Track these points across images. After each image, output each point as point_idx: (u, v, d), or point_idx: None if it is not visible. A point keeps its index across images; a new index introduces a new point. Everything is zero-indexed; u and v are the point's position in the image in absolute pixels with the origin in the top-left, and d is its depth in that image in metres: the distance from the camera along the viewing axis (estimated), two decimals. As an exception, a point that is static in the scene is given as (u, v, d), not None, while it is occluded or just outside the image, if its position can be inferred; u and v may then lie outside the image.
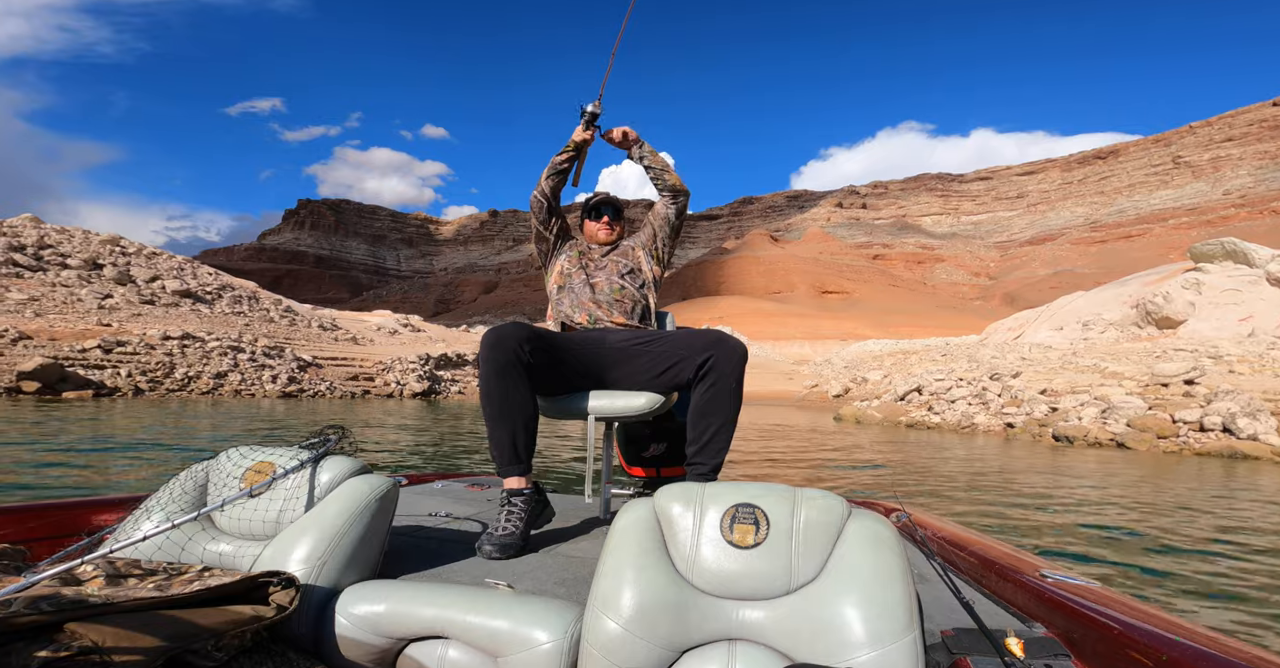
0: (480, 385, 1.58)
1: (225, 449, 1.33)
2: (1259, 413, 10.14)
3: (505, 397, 1.55)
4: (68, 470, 5.76)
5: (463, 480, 2.44)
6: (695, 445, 1.63)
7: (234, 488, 1.24)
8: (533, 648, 0.97)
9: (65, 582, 0.92)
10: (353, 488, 1.23)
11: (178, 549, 1.16)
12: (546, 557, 1.44)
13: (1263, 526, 4.67)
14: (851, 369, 47.44)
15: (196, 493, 1.26)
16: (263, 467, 1.26)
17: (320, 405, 19.04)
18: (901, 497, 5.42)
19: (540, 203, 2.01)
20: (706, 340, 1.64)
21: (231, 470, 1.27)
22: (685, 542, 0.99)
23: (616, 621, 0.93)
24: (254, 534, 1.21)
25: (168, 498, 1.23)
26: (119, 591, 0.91)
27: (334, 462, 1.29)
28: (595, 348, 1.76)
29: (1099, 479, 7.29)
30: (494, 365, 1.54)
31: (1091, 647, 0.85)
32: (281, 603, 1.00)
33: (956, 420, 15.83)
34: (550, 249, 2.04)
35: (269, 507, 1.22)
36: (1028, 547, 3.93)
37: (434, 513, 1.80)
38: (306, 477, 1.25)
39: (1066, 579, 1.07)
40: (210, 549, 1.18)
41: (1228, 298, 28.79)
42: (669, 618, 0.93)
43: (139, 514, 1.21)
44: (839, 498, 1.01)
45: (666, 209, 2.07)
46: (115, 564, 1.00)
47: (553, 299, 1.98)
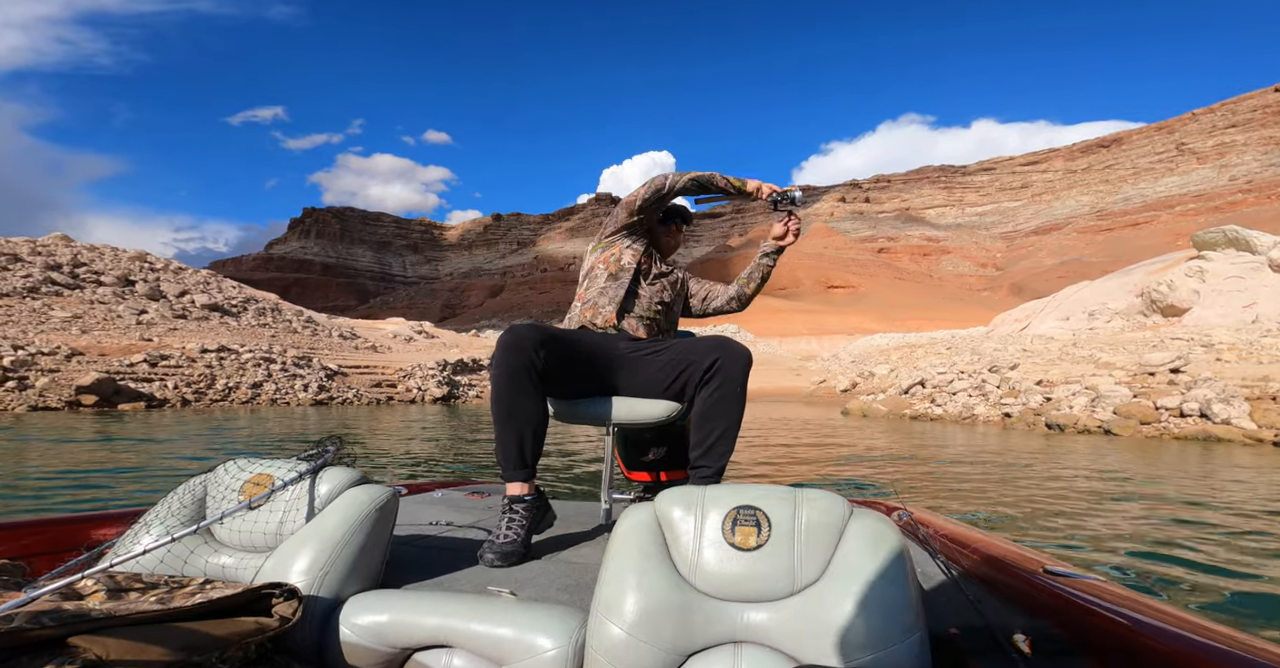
0: (491, 387, 1.57)
1: (223, 462, 1.35)
2: (1233, 399, 10.98)
3: (515, 401, 1.54)
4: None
5: (462, 489, 2.46)
6: (699, 449, 1.63)
7: (233, 501, 1.24)
8: (537, 655, 0.98)
9: (66, 597, 0.92)
10: (352, 498, 1.24)
11: (179, 562, 1.17)
12: (549, 563, 1.45)
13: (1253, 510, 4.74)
14: (858, 364, 48.08)
15: (195, 506, 1.26)
16: (261, 479, 1.27)
17: (350, 412, 20.01)
18: (903, 495, 5.55)
19: (659, 200, 1.94)
20: (711, 344, 1.66)
21: (230, 483, 1.28)
22: (687, 545, 1.00)
23: (620, 625, 0.94)
24: (254, 546, 1.22)
25: (166, 512, 1.23)
26: (121, 604, 0.92)
27: (333, 472, 1.30)
28: (606, 353, 1.75)
29: (1087, 463, 8.08)
30: (506, 369, 1.53)
31: (1100, 644, 0.84)
32: (285, 614, 1.01)
33: (958, 412, 16.65)
34: (626, 230, 1.98)
35: (269, 519, 1.23)
36: (1024, 529, 4.28)
37: (434, 522, 1.81)
38: (305, 488, 1.26)
39: (1073, 575, 1.06)
40: (211, 562, 1.19)
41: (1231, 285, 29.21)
42: (673, 622, 0.94)
43: (138, 528, 1.22)
44: (840, 498, 1.02)
45: (723, 305, 2.16)
46: (116, 578, 1.00)
47: (594, 279, 1.93)
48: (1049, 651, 0.88)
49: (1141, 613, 0.85)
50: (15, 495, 5.07)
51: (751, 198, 1.97)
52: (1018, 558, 1.22)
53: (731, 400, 1.62)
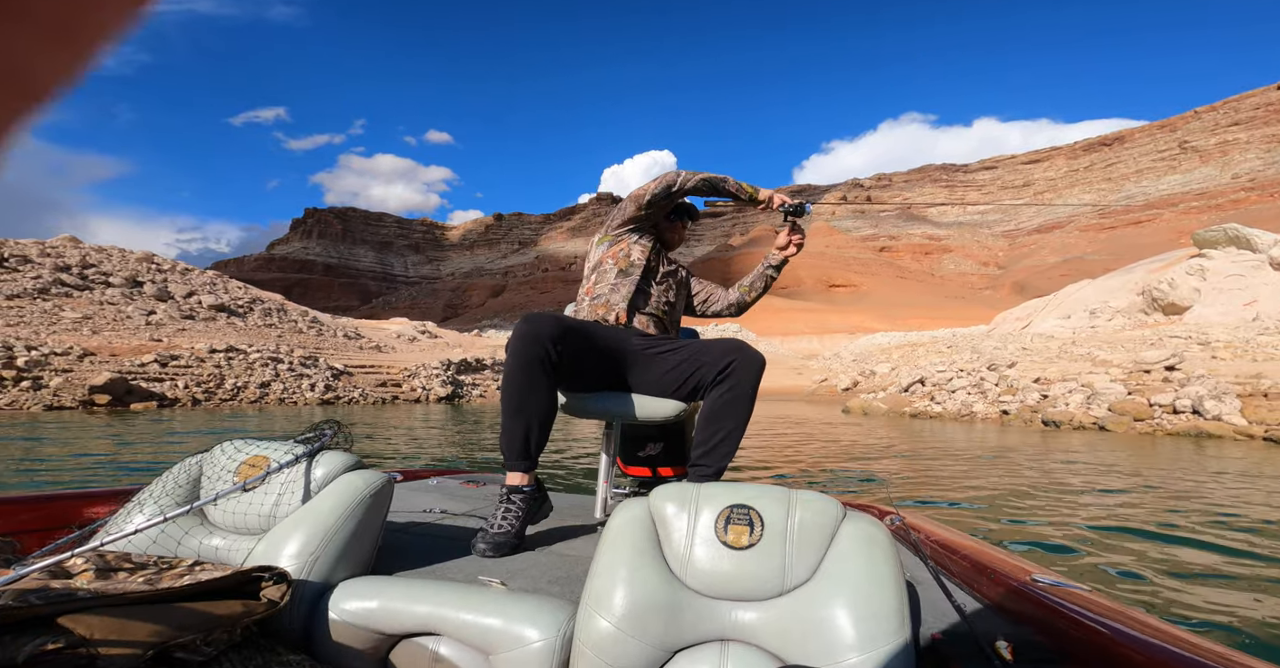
0: (504, 374, 1.56)
1: (220, 443, 1.33)
2: (1224, 396, 11.20)
3: (526, 392, 1.54)
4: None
5: (458, 477, 2.46)
6: (703, 448, 1.63)
7: (228, 482, 1.24)
8: (524, 646, 0.98)
9: (55, 575, 0.92)
10: (347, 483, 1.24)
11: (171, 543, 1.16)
12: (540, 555, 1.45)
13: (1247, 510, 4.70)
14: (860, 363, 48.30)
15: (189, 486, 1.26)
16: (257, 461, 1.26)
17: (356, 411, 20.32)
18: (894, 489, 5.73)
19: (668, 198, 1.92)
20: (728, 347, 1.67)
21: (225, 464, 1.27)
22: (679, 542, 1.01)
23: (609, 619, 0.94)
24: (247, 529, 1.21)
25: (160, 491, 1.23)
26: (109, 584, 0.92)
27: (329, 457, 1.30)
28: (619, 348, 1.75)
29: (1083, 458, 8.32)
30: (521, 359, 1.53)
31: (1082, 654, 0.85)
32: (273, 598, 1.00)
33: (957, 409, 16.89)
34: (634, 223, 1.97)
35: (263, 501, 1.22)
36: (982, 511, 4.42)
37: (429, 509, 1.81)
38: (301, 471, 1.26)
39: (1058, 584, 1.08)
40: (204, 543, 1.18)
41: (1232, 283, 29.36)
42: (662, 618, 0.94)
43: (130, 507, 1.21)
44: (834, 500, 1.03)
45: (721, 310, 2.21)
46: (106, 558, 1.00)
47: (604, 274, 1.92)
48: (1031, 658, 0.89)
49: (1124, 625, 0.87)
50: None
51: (761, 206, 1.99)
52: (1006, 566, 1.23)
53: (742, 403, 1.63)
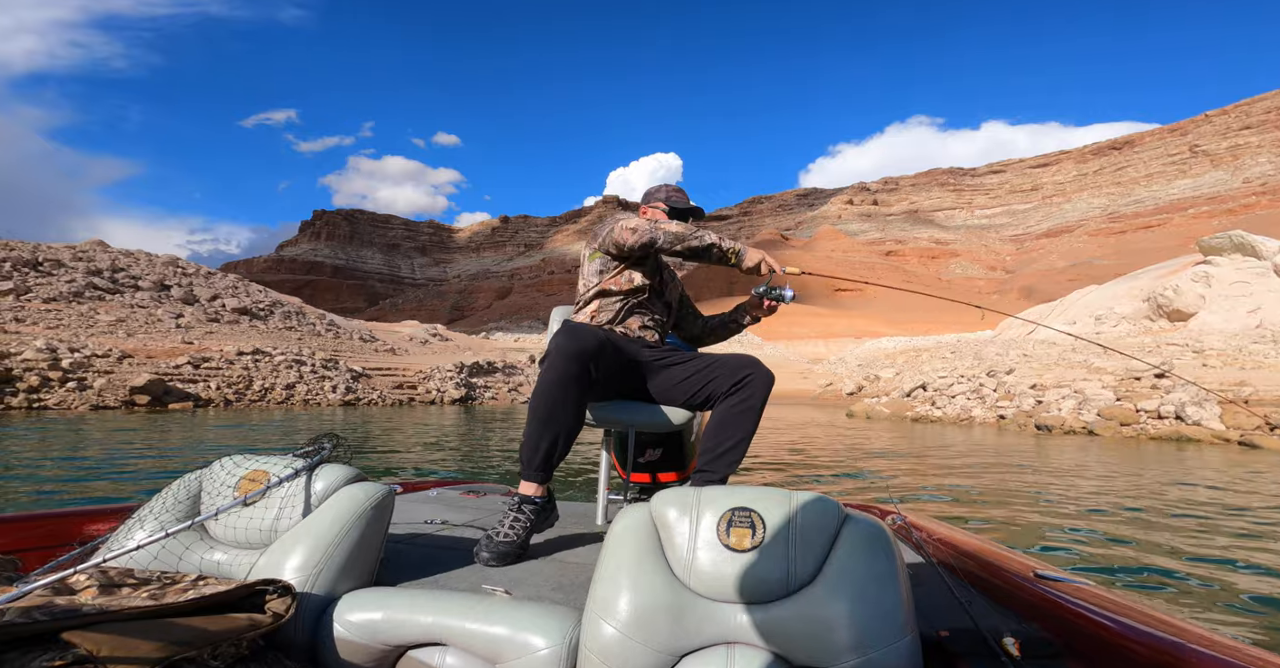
0: (538, 384, 1.56)
1: (219, 458, 1.34)
2: (1204, 402, 11.87)
3: (559, 405, 1.54)
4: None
5: (458, 488, 2.48)
6: (710, 455, 1.64)
7: (228, 497, 1.24)
8: (531, 654, 0.98)
9: (58, 591, 0.92)
10: (348, 496, 1.24)
11: (173, 558, 1.16)
12: (544, 563, 1.45)
13: (1239, 506, 4.98)
14: (865, 367, 48.76)
15: (190, 502, 1.27)
16: (256, 475, 1.27)
17: (376, 412, 21.08)
18: (895, 488, 5.75)
19: (642, 253, 1.87)
20: (743, 361, 1.71)
21: (225, 479, 1.28)
22: (682, 546, 1.01)
23: (614, 625, 0.94)
24: (249, 543, 1.21)
25: (160, 507, 1.24)
26: (113, 600, 0.92)
27: (328, 470, 1.30)
28: (632, 359, 1.78)
29: (1073, 460, 8.94)
30: (559, 374, 1.53)
31: (1088, 647, 0.85)
32: (278, 611, 1.00)
33: (956, 414, 17.56)
34: (625, 263, 1.94)
35: (264, 515, 1.22)
36: (1012, 520, 4.57)
37: (430, 520, 1.82)
38: (301, 485, 1.26)
39: (1062, 579, 1.07)
40: (205, 558, 1.19)
41: (1237, 290, 29.67)
42: (667, 622, 0.95)
43: (131, 524, 1.22)
44: (834, 501, 1.03)
45: (682, 332, 2.25)
46: (109, 574, 1.00)
47: (607, 297, 1.90)
48: (1038, 654, 0.90)
49: (1129, 617, 0.87)
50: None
51: (746, 271, 1.85)
52: (1009, 562, 1.24)
53: (751, 415, 1.67)
